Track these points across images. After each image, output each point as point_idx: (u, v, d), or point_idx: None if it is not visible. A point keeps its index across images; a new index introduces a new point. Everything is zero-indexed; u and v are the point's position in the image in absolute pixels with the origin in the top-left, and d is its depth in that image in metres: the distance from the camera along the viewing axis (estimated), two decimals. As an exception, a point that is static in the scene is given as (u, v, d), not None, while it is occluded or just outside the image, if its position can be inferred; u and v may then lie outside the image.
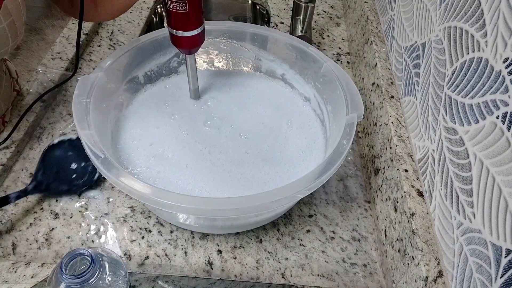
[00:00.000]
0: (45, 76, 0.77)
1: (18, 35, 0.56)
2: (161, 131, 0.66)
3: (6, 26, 0.53)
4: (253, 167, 0.63)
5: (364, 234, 0.63)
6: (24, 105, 0.71)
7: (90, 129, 0.54)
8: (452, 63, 0.50)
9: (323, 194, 0.67)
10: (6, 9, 0.52)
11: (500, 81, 0.40)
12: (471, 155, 0.45)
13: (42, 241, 0.58)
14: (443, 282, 0.47)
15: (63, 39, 0.85)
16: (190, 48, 0.62)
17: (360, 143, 0.76)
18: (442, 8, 0.54)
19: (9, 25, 0.53)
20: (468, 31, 0.47)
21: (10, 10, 0.53)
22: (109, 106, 0.65)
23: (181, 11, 0.55)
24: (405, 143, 0.60)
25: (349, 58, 0.92)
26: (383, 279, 0.58)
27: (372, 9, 0.85)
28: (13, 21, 0.54)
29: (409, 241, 0.51)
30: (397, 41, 0.70)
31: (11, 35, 0.54)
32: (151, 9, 0.98)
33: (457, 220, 0.46)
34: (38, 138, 0.71)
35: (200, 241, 0.60)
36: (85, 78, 0.60)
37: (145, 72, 0.73)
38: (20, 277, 0.52)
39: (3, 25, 0.52)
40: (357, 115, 0.59)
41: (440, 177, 0.51)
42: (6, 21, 0.53)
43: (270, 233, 0.61)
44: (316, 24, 0.99)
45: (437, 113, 0.53)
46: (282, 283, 0.56)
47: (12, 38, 0.55)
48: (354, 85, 0.63)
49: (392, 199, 0.58)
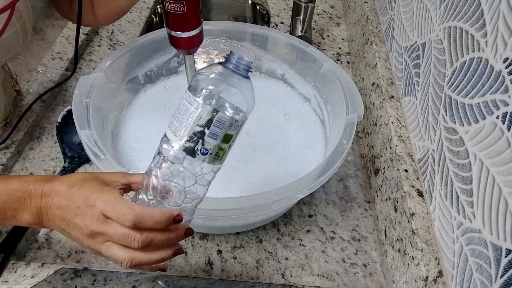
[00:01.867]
0: (45, 76, 0.77)
1: (28, 36, 0.56)
2: (163, 134, 0.66)
3: (18, 28, 0.53)
4: (260, 163, 0.63)
5: (364, 234, 0.63)
6: (24, 105, 0.71)
7: (90, 129, 0.54)
8: (452, 63, 0.50)
9: (323, 194, 0.67)
10: (19, 11, 0.52)
11: (500, 81, 0.40)
12: (471, 155, 0.45)
13: (42, 241, 0.58)
14: (443, 282, 0.47)
15: (63, 39, 0.85)
16: (189, 49, 0.62)
17: (360, 143, 0.76)
18: (442, 8, 0.54)
19: (21, 27, 0.53)
20: (468, 31, 0.47)
21: (22, 12, 0.53)
22: (109, 106, 0.65)
23: (179, 12, 0.55)
24: (405, 143, 0.60)
25: (349, 58, 0.92)
26: (383, 279, 0.58)
27: (372, 9, 0.85)
28: (24, 23, 0.54)
29: (409, 241, 0.51)
30: (397, 41, 0.70)
31: (22, 36, 0.54)
32: (151, 9, 0.98)
33: (457, 220, 0.46)
34: (38, 138, 0.70)
35: (200, 241, 0.60)
36: (85, 78, 0.60)
37: (145, 72, 0.73)
38: (20, 277, 0.52)
39: (16, 27, 0.52)
40: (357, 115, 0.59)
41: (440, 177, 0.51)
42: (19, 23, 0.53)
43: (270, 233, 0.61)
44: (316, 24, 0.99)
45: (437, 113, 0.53)
46: (282, 283, 0.56)
47: (23, 39, 0.55)
48: (354, 85, 0.63)
49: (392, 199, 0.58)
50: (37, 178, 0.42)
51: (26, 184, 0.41)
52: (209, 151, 0.37)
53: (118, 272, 0.54)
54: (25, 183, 0.41)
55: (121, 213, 0.37)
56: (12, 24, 0.51)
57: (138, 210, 0.37)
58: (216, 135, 0.37)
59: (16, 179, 0.42)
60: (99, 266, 0.56)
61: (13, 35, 0.53)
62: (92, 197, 0.38)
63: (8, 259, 0.54)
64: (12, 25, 0.51)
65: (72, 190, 0.39)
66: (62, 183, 0.40)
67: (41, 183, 0.41)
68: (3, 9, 0.49)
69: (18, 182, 0.41)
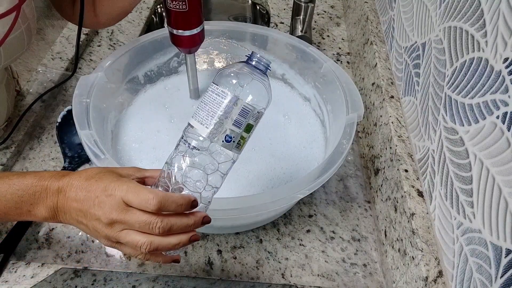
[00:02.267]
0: (45, 76, 0.77)
1: (32, 38, 0.56)
2: (163, 134, 0.66)
3: (24, 30, 0.53)
4: (260, 163, 0.63)
5: (364, 234, 0.63)
6: (24, 105, 0.71)
7: (90, 129, 0.54)
8: (452, 63, 0.50)
9: (323, 194, 0.67)
10: (24, 13, 0.52)
11: (500, 81, 0.40)
12: (471, 155, 0.45)
13: (42, 241, 0.58)
14: (443, 282, 0.47)
15: (63, 39, 0.85)
16: (190, 47, 0.62)
17: (360, 143, 0.76)
18: (442, 8, 0.54)
19: (26, 29, 0.53)
20: (468, 31, 0.47)
21: (27, 14, 0.53)
22: (109, 106, 0.65)
23: (181, 10, 0.55)
24: (405, 143, 0.60)
25: (349, 58, 0.92)
26: (383, 279, 0.58)
27: (372, 9, 0.85)
28: (29, 24, 0.54)
29: (409, 241, 0.51)
30: (397, 41, 0.70)
31: (27, 37, 0.54)
32: (151, 9, 0.98)
33: (457, 220, 0.46)
34: (38, 138, 0.70)
35: (200, 241, 0.60)
36: (85, 78, 0.60)
37: (145, 72, 0.73)
38: (20, 277, 0.52)
39: (22, 29, 0.52)
40: (357, 115, 0.59)
41: (440, 177, 0.51)
42: (24, 25, 0.53)
43: (270, 233, 0.61)
44: (316, 24, 0.99)
45: (437, 113, 0.53)
46: (282, 283, 0.56)
47: (28, 41, 0.55)
48: (354, 85, 0.63)
49: (392, 199, 0.58)
50: (53, 173, 0.42)
51: (42, 179, 0.41)
52: (232, 138, 0.41)
53: (118, 272, 0.55)
54: (41, 178, 0.42)
55: (145, 198, 0.37)
56: (17, 26, 0.51)
57: (161, 194, 0.38)
58: (240, 123, 0.41)
59: (32, 175, 0.42)
60: (99, 266, 0.56)
61: (19, 37, 0.53)
62: (111, 186, 0.39)
63: (8, 259, 0.54)
64: (18, 27, 0.51)
65: (90, 182, 0.40)
66: (79, 176, 0.41)
67: (57, 177, 0.42)
68: (9, 11, 0.49)
69: (34, 177, 0.42)
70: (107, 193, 0.39)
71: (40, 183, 0.41)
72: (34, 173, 0.43)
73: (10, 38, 0.51)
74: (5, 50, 0.52)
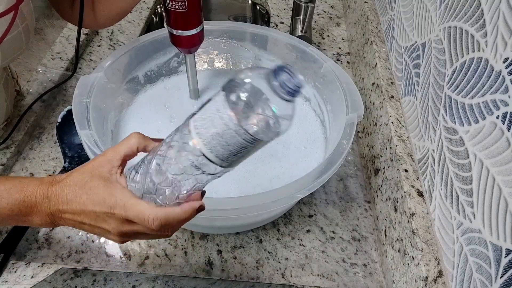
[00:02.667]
0: (45, 76, 0.77)
1: (30, 38, 0.56)
2: (163, 134, 0.66)
3: (21, 29, 0.53)
4: (260, 163, 0.63)
5: (364, 234, 0.63)
6: (24, 105, 0.71)
7: (90, 129, 0.54)
8: (452, 63, 0.50)
9: (323, 194, 0.67)
10: (22, 13, 0.52)
11: (500, 81, 0.40)
12: (471, 155, 0.45)
13: (42, 241, 0.58)
14: (443, 282, 0.47)
15: (63, 39, 0.85)
16: (190, 48, 0.62)
17: (360, 143, 0.76)
18: (442, 8, 0.54)
19: (24, 29, 0.53)
20: (468, 31, 0.47)
21: (25, 14, 0.53)
22: (109, 106, 0.65)
23: (180, 10, 0.55)
24: (405, 143, 0.60)
25: (349, 58, 0.92)
26: (383, 279, 0.58)
27: (372, 9, 0.85)
28: (27, 24, 0.54)
29: (409, 241, 0.51)
30: (397, 41, 0.70)
31: (25, 37, 0.54)
32: (151, 9, 0.98)
33: (457, 220, 0.46)
34: (38, 138, 0.70)
35: (200, 241, 0.60)
36: (85, 78, 0.60)
37: (145, 72, 0.73)
38: (20, 277, 0.52)
39: (19, 28, 0.52)
40: (357, 115, 0.59)
41: (440, 177, 0.51)
42: (22, 25, 0.53)
43: (270, 233, 0.61)
44: (316, 24, 0.99)
45: (437, 113, 0.53)
46: (282, 283, 0.56)
47: (26, 41, 0.55)
48: (354, 85, 0.63)
49: (392, 199, 0.58)
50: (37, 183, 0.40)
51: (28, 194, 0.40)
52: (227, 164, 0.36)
53: (118, 272, 0.55)
54: (26, 194, 0.40)
55: (145, 220, 0.37)
56: (15, 25, 0.51)
57: (161, 214, 0.37)
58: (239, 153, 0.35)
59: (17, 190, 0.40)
60: (99, 266, 0.56)
61: (17, 37, 0.53)
62: (107, 204, 0.38)
63: (8, 259, 0.54)
64: (16, 26, 0.51)
65: (81, 197, 0.39)
66: (67, 187, 0.39)
67: (43, 188, 0.40)
68: (6, 11, 0.49)
69: (20, 193, 0.40)
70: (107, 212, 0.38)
71: (28, 199, 0.40)
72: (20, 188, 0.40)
73: (8, 38, 0.51)
74: (3, 50, 0.52)
